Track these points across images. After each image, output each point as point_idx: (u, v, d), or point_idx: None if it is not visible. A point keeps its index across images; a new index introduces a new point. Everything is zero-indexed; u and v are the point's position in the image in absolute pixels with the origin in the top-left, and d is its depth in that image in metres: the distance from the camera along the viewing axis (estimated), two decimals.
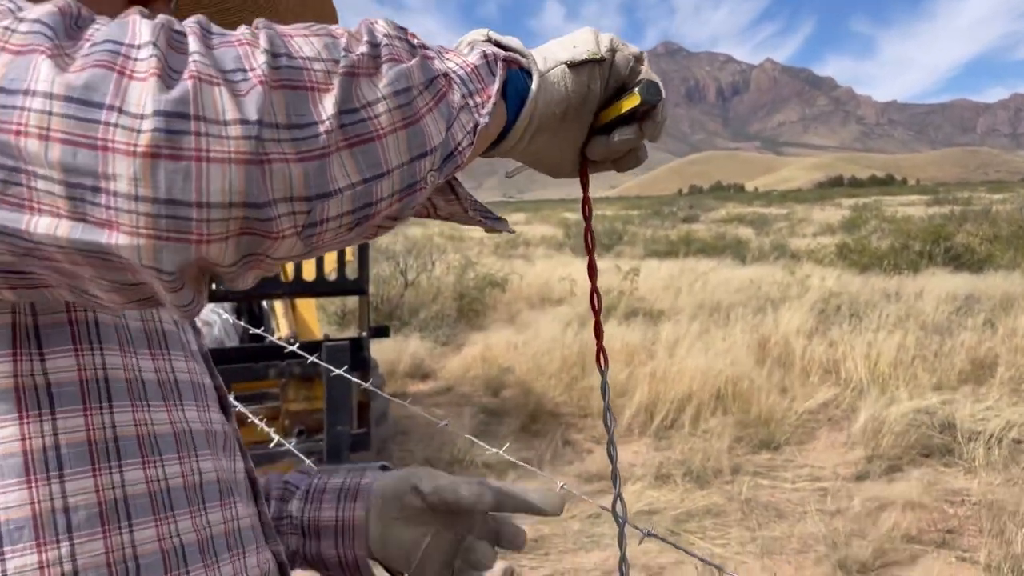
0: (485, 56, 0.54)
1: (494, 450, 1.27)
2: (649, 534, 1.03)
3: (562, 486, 0.97)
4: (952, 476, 5.17)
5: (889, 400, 6.24)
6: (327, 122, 0.43)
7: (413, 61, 0.49)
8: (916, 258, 13.58)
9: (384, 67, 0.47)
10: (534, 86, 0.58)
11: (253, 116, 0.41)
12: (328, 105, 0.44)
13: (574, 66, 0.59)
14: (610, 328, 8.77)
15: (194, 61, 0.41)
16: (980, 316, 8.66)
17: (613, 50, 0.61)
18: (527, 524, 4.53)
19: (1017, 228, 16.50)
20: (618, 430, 6.22)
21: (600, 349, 0.74)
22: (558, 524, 4.58)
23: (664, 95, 0.61)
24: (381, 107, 0.46)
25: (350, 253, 4.80)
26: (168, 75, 0.40)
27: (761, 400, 6.41)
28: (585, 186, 0.70)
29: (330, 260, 4.62)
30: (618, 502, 0.75)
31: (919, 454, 5.50)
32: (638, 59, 0.62)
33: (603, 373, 0.74)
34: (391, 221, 0.51)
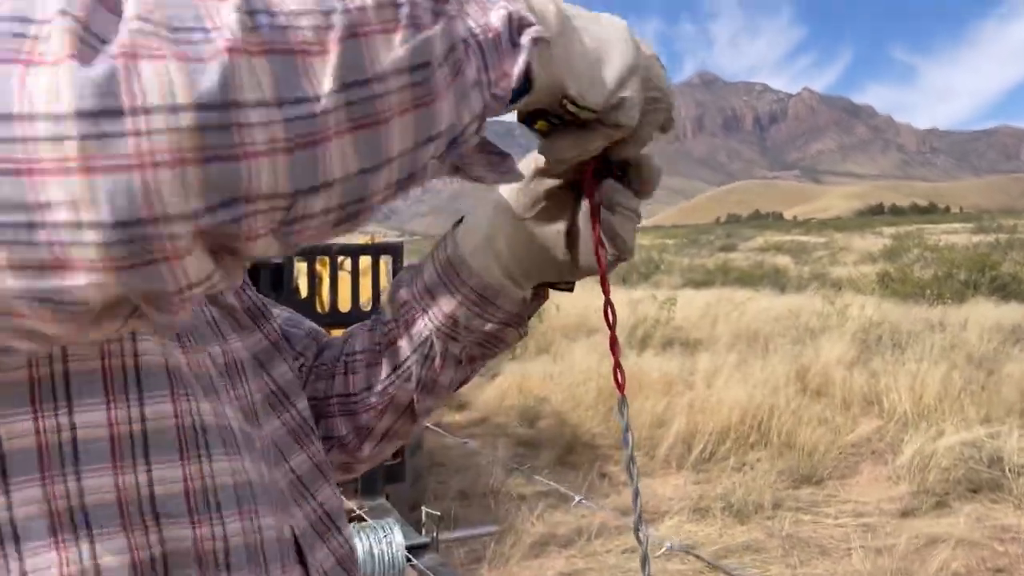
0: (509, 19, 0.43)
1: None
2: (671, 548, 1.00)
3: (579, 499, 0.94)
4: (1002, 512, 5.01)
5: (935, 433, 6.08)
6: (323, 100, 0.34)
7: (437, 27, 0.38)
8: (961, 287, 13.31)
9: (401, 33, 0.37)
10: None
11: (217, 98, 0.32)
12: (324, 76, 0.34)
13: None
14: (647, 358, 8.69)
15: (129, 28, 0.32)
16: None
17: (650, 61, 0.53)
18: (563, 557, 4.48)
19: None
20: (655, 462, 6.14)
21: (616, 365, 0.71)
22: (594, 559, 4.52)
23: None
24: (394, 83, 0.36)
25: (385, 282, 4.83)
26: (89, 48, 0.31)
27: (802, 433, 6.28)
28: (589, 180, 0.63)
29: (365, 290, 4.65)
30: (640, 519, 0.73)
31: (967, 489, 5.34)
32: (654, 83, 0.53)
33: (620, 387, 0.71)
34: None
